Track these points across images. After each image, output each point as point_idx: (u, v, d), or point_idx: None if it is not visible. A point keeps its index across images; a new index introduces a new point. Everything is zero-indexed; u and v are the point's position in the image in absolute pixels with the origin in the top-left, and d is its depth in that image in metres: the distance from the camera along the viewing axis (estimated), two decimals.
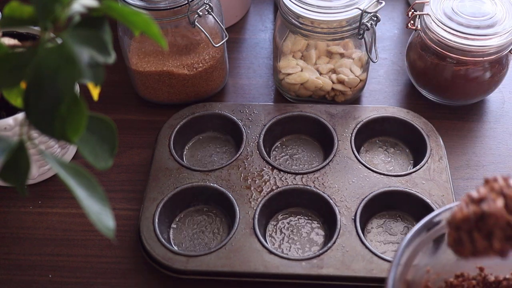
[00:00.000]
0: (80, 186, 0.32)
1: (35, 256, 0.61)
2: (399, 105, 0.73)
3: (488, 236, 0.40)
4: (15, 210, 0.64)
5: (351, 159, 0.64)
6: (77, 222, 0.63)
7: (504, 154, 0.68)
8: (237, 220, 0.59)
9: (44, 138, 0.60)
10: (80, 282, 0.59)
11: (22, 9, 0.32)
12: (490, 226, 0.40)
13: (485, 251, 0.41)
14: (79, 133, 0.31)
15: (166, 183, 0.62)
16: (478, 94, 0.71)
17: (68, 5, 0.31)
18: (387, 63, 0.79)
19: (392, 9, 0.86)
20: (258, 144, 0.66)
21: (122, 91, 0.76)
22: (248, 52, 0.81)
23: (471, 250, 0.41)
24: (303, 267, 0.55)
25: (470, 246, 0.41)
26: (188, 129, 0.68)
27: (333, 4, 0.64)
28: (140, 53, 0.68)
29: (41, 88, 0.30)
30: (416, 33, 0.70)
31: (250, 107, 0.69)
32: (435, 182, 0.61)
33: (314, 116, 0.68)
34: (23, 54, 0.31)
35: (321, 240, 0.60)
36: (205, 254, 0.56)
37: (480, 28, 0.64)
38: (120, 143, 0.68)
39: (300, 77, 0.69)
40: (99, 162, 0.34)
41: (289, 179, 0.62)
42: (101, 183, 0.33)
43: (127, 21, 0.33)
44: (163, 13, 0.64)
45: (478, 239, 0.41)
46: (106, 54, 0.31)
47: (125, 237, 0.61)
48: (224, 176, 0.63)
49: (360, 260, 0.56)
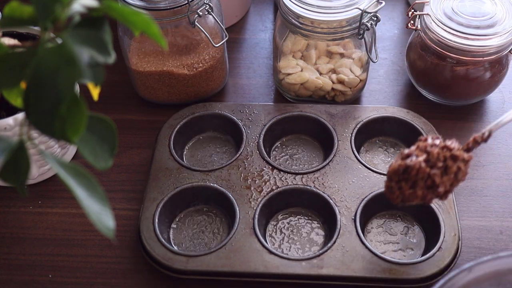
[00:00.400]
0: (80, 186, 0.32)
1: (35, 256, 0.61)
2: (399, 105, 0.73)
3: (413, 186, 0.50)
4: (15, 210, 0.64)
5: (351, 159, 0.64)
6: (77, 222, 0.63)
7: (504, 154, 0.68)
8: (237, 220, 0.59)
9: (44, 138, 0.60)
10: (80, 282, 0.59)
11: (22, 9, 0.32)
12: (414, 177, 0.50)
13: (412, 198, 0.51)
14: (79, 133, 0.31)
15: (166, 183, 0.62)
16: (478, 94, 0.71)
17: (68, 5, 0.31)
18: (387, 63, 0.79)
19: (392, 9, 0.86)
20: (258, 144, 0.66)
21: (122, 91, 0.76)
22: (248, 52, 0.81)
23: (401, 197, 0.51)
24: (303, 267, 0.55)
25: (399, 194, 0.51)
26: (188, 129, 0.68)
27: (333, 4, 0.64)
28: (140, 53, 0.68)
29: (41, 88, 0.30)
30: (416, 33, 0.70)
31: (250, 107, 0.69)
32: None
33: (314, 116, 0.68)
34: (23, 54, 0.31)
35: (321, 240, 0.60)
36: (205, 254, 0.56)
37: (480, 28, 0.64)
38: (120, 143, 0.68)
39: (300, 77, 0.69)
40: (99, 162, 0.34)
41: (289, 179, 0.62)
42: (101, 183, 0.33)
43: (127, 21, 0.33)
44: (163, 13, 0.64)
45: (405, 188, 0.51)
46: (106, 54, 0.31)
47: (125, 237, 0.62)
48: (224, 176, 0.63)
49: (360, 260, 0.56)
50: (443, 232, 0.57)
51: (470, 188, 0.65)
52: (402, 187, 0.51)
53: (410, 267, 0.55)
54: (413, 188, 0.51)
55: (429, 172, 0.50)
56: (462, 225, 0.61)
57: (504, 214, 0.63)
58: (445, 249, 0.56)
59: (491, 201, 0.64)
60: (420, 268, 0.55)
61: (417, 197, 0.51)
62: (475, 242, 0.60)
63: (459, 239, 0.57)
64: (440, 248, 0.56)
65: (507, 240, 0.61)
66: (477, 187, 0.65)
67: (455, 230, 0.57)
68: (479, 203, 0.64)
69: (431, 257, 0.55)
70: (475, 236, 0.61)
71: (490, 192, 0.65)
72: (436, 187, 0.50)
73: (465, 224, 0.62)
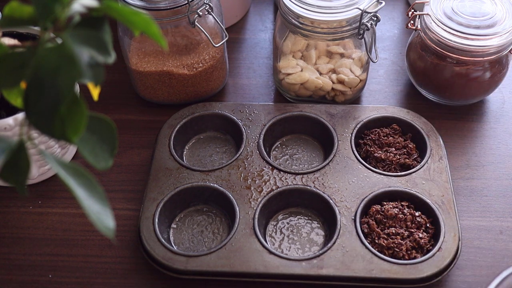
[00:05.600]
0: (80, 186, 0.32)
1: (35, 256, 0.61)
2: (399, 105, 0.73)
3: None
4: (15, 210, 0.64)
5: (351, 159, 0.64)
6: (77, 222, 0.63)
7: (504, 154, 0.68)
8: (237, 220, 0.59)
9: (44, 138, 0.60)
10: (80, 282, 0.59)
11: (22, 9, 0.32)
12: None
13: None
14: (79, 133, 0.31)
15: (166, 183, 0.62)
16: (478, 94, 0.71)
17: (68, 5, 0.31)
18: (387, 63, 0.79)
19: (392, 9, 0.86)
20: (258, 144, 0.66)
21: (122, 91, 0.76)
22: (248, 52, 0.81)
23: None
24: (303, 267, 0.55)
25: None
26: (188, 129, 0.68)
27: (333, 4, 0.64)
28: (140, 53, 0.68)
29: (41, 88, 0.30)
30: (416, 33, 0.70)
31: (250, 107, 0.69)
32: (435, 182, 0.61)
33: (314, 116, 0.68)
34: (23, 54, 0.31)
35: (321, 240, 0.60)
36: (205, 254, 0.56)
37: (480, 28, 0.64)
38: (120, 143, 0.68)
39: (300, 77, 0.69)
40: (99, 162, 0.34)
41: (289, 179, 0.62)
42: (101, 183, 0.33)
43: (127, 21, 0.33)
44: (163, 13, 0.64)
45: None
46: (106, 54, 0.31)
47: (125, 237, 0.61)
48: (224, 176, 0.63)
49: (360, 260, 0.56)
50: (443, 232, 0.57)
51: (470, 188, 0.65)
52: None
53: (410, 267, 0.55)
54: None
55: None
56: (462, 225, 0.61)
57: (504, 214, 0.63)
58: (445, 249, 0.56)
59: (491, 201, 0.64)
60: (420, 268, 0.55)
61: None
62: (475, 242, 0.60)
63: (459, 239, 0.57)
64: (440, 248, 0.56)
65: (507, 240, 0.61)
66: (477, 187, 0.65)
67: (455, 230, 0.57)
68: (479, 203, 0.64)
69: (431, 257, 0.55)
70: (475, 236, 0.61)
71: (490, 192, 0.65)
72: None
73: (465, 224, 0.62)
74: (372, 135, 0.66)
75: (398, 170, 0.64)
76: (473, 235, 0.61)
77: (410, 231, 0.58)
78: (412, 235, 0.57)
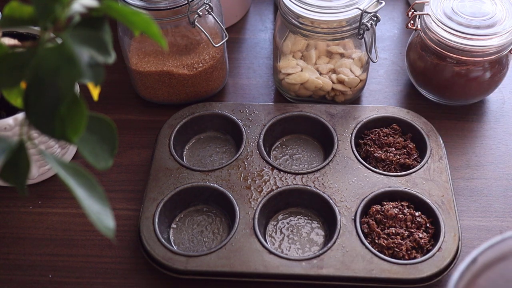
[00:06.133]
0: (80, 186, 0.32)
1: (35, 256, 0.61)
2: (399, 105, 0.73)
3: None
4: (15, 210, 0.64)
5: (351, 159, 0.64)
6: (77, 222, 0.63)
7: (504, 154, 0.68)
8: (237, 220, 0.59)
9: (44, 138, 0.60)
10: (80, 282, 0.59)
11: (22, 9, 0.32)
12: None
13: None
14: (79, 133, 0.31)
15: (166, 183, 0.62)
16: (478, 94, 0.71)
17: (68, 5, 0.31)
18: (387, 63, 0.79)
19: (392, 9, 0.86)
20: (258, 144, 0.66)
21: (122, 91, 0.76)
22: (248, 52, 0.81)
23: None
24: (303, 267, 0.55)
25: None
26: (188, 129, 0.68)
27: (333, 4, 0.64)
28: (140, 53, 0.68)
29: (41, 88, 0.30)
30: (416, 33, 0.70)
31: (250, 107, 0.69)
32: (435, 182, 0.61)
33: (314, 116, 0.68)
34: (23, 54, 0.31)
35: (321, 240, 0.60)
36: (205, 254, 0.56)
37: (480, 28, 0.64)
38: (120, 143, 0.68)
39: (300, 77, 0.69)
40: (99, 162, 0.34)
41: (289, 179, 0.62)
42: (101, 183, 0.33)
43: (127, 21, 0.33)
44: (163, 13, 0.64)
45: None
46: (106, 54, 0.31)
47: (125, 237, 0.61)
48: (224, 176, 0.63)
49: (360, 260, 0.56)
50: (443, 232, 0.57)
51: (470, 188, 0.65)
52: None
53: (410, 267, 0.55)
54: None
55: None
56: (462, 225, 0.61)
57: (504, 214, 0.63)
58: (445, 249, 0.56)
59: (491, 201, 0.64)
60: (420, 268, 0.55)
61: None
62: (475, 242, 0.60)
63: (459, 239, 0.57)
64: (440, 248, 0.56)
65: None
66: (477, 187, 0.65)
67: (455, 230, 0.57)
68: (479, 203, 0.64)
69: (431, 257, 0.55)
70: (475, 236, 0.61)
71: (490, 192, 0.65)
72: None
73: (465, 224, 0.62)
74: (372, 135, 0.66)
75: (398, 170, 0.64)
76: (473, 235, 0.61)
77: (410, 231, 0.58)
78: (412, 235, 0.57)
